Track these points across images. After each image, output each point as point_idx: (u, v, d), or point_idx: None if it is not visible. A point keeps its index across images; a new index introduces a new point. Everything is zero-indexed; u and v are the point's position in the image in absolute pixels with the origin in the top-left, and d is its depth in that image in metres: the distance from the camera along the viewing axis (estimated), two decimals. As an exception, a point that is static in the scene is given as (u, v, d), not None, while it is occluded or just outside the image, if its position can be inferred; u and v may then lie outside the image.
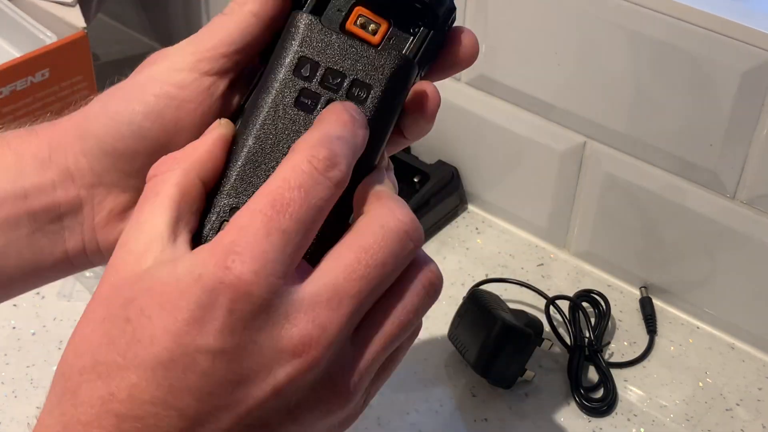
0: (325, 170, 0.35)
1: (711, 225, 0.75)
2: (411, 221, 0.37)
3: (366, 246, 0.36)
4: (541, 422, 0.72)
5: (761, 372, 0.76)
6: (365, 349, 0.36)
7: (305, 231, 0.35)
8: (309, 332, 0.34)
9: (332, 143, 0.36)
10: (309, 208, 0.35)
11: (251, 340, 0.34)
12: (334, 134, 0.37)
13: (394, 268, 0.36)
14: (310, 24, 0.40)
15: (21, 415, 0.72)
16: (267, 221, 0.34)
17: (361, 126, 0.38)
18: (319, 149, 0.36)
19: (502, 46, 0.79)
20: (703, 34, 0.66)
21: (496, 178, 0.88)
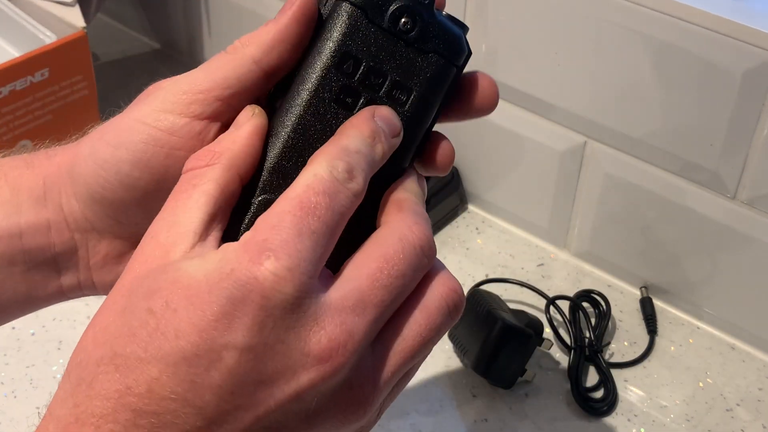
0: (344, 181, 0.36)
1: (711, 225, 0.75)
2: (426, 238, 0.37)
3: (388, 256, 0.36)
4: (541, 422, 0.72)
5: (761, 372, 0.76)
6: (386, 361, 0.36)
7: (330, 235, 0.35)
8: (337, 337, 0.34)
9: (350, 156, 0.36)
10: (334, 213, 0.35)
11: (279, 339, 0.33)
12: (353, 148, 0.37)
13: (411, 281, 0.37)
14: (356, 18, 0.39)
15: (21, 415, 0.72)
16: (297, 222, 0.34)
17: (385, 137, 0.38)
18: (338, 162, 0.36)
19: (502, 46, 0.79)
20: (704, 34, 0.66)
21: (496, 178, 0.88)
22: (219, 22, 1.04)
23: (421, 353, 0.37)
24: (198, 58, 1.09)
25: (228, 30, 1.04)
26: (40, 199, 0.42)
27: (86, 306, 0.80)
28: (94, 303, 0.87)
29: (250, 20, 0.99)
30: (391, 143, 0.39)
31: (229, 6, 1.01)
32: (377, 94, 0.39)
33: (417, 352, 0.37)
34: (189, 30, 1.09)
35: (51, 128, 0.86)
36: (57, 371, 0.75)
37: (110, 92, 0.93)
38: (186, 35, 1.10)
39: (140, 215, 0.41)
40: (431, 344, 0.37)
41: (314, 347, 0.34)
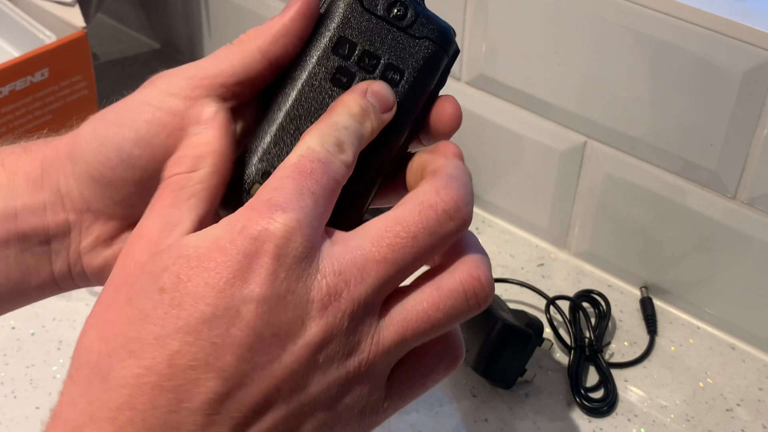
0: (335, 153, 0.37)
1: (711, 225, 0.75)
2: (454, 201, 0.37)
3: (399, 218, 0.36)
4: (541, 422, 0.72)
5: (762, 372, 0.76)
6: (387, 328, 0.36)
7: (328, 197, 0.36)
8: (336, 284, 0.35)
9: (339, 131, 0.38)
10: (329, 179, 0.36)
11: (290, 289, 0.34)
12: (342, 124, 0.38)
13: (427, 243, 0.36)
14: (352, 5, 0.42)
15: (21, 415, 0.72)
16: (297, 184, 0.36)
17: (375, 113, 0.39)
18: (327, 136, 0.37)
19: (502, 46, 0.79)
20: (704, 34, 0.66)
21: (496, 178, 0.88)
22: (219, 22, 1.04)
23: (427, 333, 0.37)
24: (198, 59, 1.09)
25: (228, 30, 1.04)
26: (37, 181, 0.43)
27: (86, 306, 0.80)
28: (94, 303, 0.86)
29: (250, 20, 0.99)
30: (381, 118, 0.40)
31: (229, 6, 1.01)
32: (371, 74, 0.41)
33: (421, 329, 0.36)
34: (189, 30, 1.09)
35: (51, 128, 0.86)
36: (57, 371, 0.75)
37: (110, 92, 0.93)
38: (186, 35, 1.10)
39: (137, 196, 0.42)
40: (439, 327, 0.37)
41: (316, 294, 0.34)
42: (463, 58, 0.82)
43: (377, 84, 0.40)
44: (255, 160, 0.40)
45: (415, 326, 0.36)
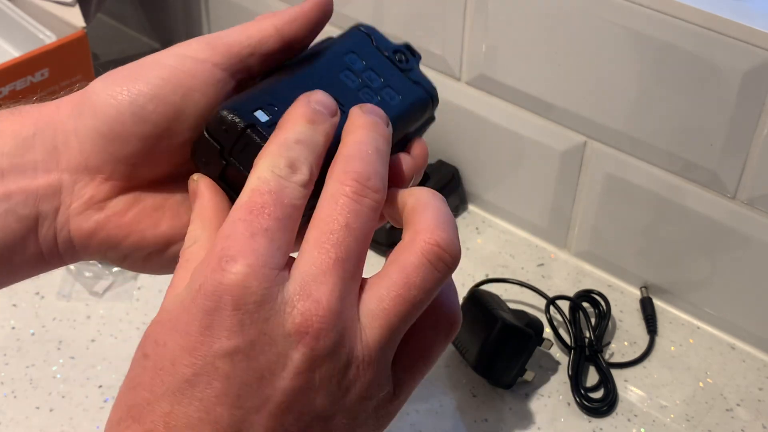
0: (287, 176, 0.37)
1: (711, 225, 0.75)
2: (370, 186, 0.37)
3: (324, 216, 0.37)
4: (541, 422, 0.72)
5: (762, 372, 0.76)
6: (371, 323, 0.36)
7: (285, 227, 0.36)
8: (307, 308, 0.35)
9: (290, 149, 0.38)
10: (284, 207, 0.36)
11: (261, 332, 0.34)
12: (292, 138, 0.38)
13: (363, 231, 0.37)
14: (365, 39, 0.46)
15: (20, 415, 0.72)
16: (249, 225, 0.35)
17: (323, 117, 0.39)
18: (278, 159, 0.37)
19: (502, 46, 0.79)
20: (704, 34, 0.66)
21: (496, 178, 0.88)
22: (219, 23, 1.04)
23: (411, 313, 0.37)
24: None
25: (228, 30, 1.03)
26: (27, 139, 0.42)
27: (86, 306, 0.80)
28: (94, 303, 0.87)
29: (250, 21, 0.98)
30: (331, 122, 0.40)
31: (229, 6, 1.01)
32: (371, 85, 0.43)
33: (403, 312, 0.36)
34: (189, 30, 1.09)
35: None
36: (57, 371, 0.75)
37: (110, 92, 0.93)
38: (186, 35, 1.10)
39: (141, 154, 0.41)
40: (420, 304, 0.37)
41: (291, 326, 0.35)
42: (463, 58, 0.82)
43: (316, 93, 0.40)
44: (246, 107, 0.40)
45: (396, 312, 0.36)
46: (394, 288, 0.36)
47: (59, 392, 0.73)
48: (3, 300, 0.80)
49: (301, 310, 0.35)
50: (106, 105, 0.41)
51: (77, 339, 0.77)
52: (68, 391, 0.73)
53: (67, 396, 0.73)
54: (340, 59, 0.44)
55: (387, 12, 0.85)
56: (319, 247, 0.36)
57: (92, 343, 0.77)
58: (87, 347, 0.77)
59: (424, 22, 0.83)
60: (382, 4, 0.85)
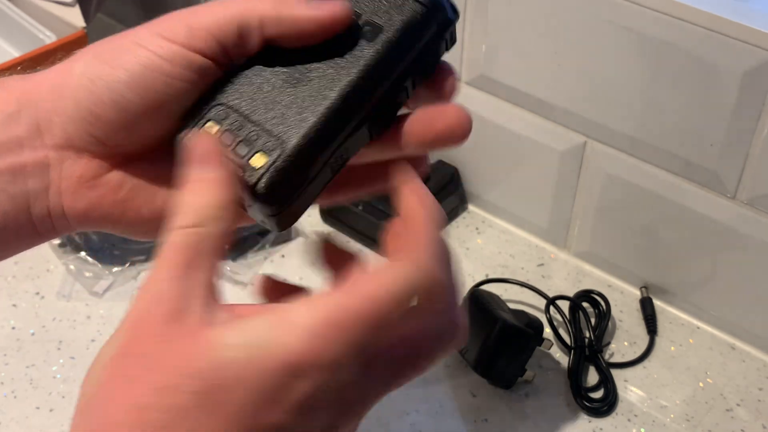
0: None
1: (711, 225, 0.75)
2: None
3: None
4: (541, 422, 0.72)
5: (762, 372, 0.76)
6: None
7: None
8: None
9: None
10: None
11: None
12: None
13: None
14: None
15: (21, 415, 0.72)
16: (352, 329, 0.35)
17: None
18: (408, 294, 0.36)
19: (502, 46, 0.79)
20: (704, 34, 0.66)
21: (496, 178, 0.88)
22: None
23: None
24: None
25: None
26: (12, 115, 0.41)
27: (86, 306, 0.80)
28: (94, 303, 0.87)
29: None
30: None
31: (229, 6, 1.01)
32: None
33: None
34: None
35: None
36: (57, 371, 0.75)
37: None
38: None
39: (125, 138, 0.41)
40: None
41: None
42: (463, 58, 0.82)
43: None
44: (224, 96, 0.40)
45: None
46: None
47: (59, 392, 0.73)
48: (3, 300, 0.81)
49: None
50: (85, 90, 0.40)
51: (77, 339, 0.77)
52: (68, 391, 0.73)
53: (67, 396, 0.73)
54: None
55: (387, 12, 0.85)
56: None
57: (92, 343, 0.77)
58: (87, 347, 0.77)
59: (424, 22, 0.83)
60: (382, 4, 0.85)
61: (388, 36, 0.40)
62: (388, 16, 0.40)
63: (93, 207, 0.42)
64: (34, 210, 0.42)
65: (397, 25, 0.40)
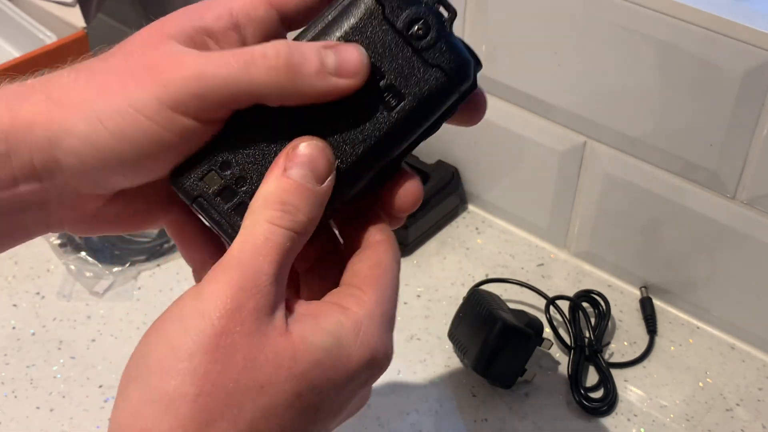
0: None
1: (711, 225, 0.75)
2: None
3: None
4: (541, 422, 0.72)
5: (761, 372, 0.76)
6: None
7: None
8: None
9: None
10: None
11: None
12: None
13: None
14: (373, 10, 0.38)
15: (21, 415, 0.72)
16: (394, 312, 0.42)
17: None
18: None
19: (502, 46, 0.79)
20: (704, 34, 0.66)
21: (496, 178, 0.88)
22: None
23: None
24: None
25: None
26: (1, 156, 0.38)
27: (86, 306, 0.80)
28: (94, 303, 0.87)
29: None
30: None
31: (229, 6, 1.01)
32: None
33: None
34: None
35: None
36: (57, 371, 0.75)
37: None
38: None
39: (126, 182, 0.40)
40: None
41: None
42: (463, 58, 0.82)
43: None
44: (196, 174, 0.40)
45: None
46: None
47: (59, 392, 0.73)
48: (3, 300, 0.81)
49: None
50: (90, 158, 0.38)
51: (77, 339, 0.77)
52: (68, 391, 0.73)
53: (67, 396, 0.73)
54: None
55: (387, 12, 0.85)
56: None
57: (92, 343, 0.77)
58: (87, 347, 0.77)
59: (424, 22, 0.83)
60: (382, 4, 0.85)
61: (410, 107, 0.39)
62: (412, 85, 0.39)
63: (95, 228, 0.43)
64: (30, 230, 0.41)
65: (420, 97, 0.39)
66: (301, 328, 0.37)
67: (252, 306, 0.36)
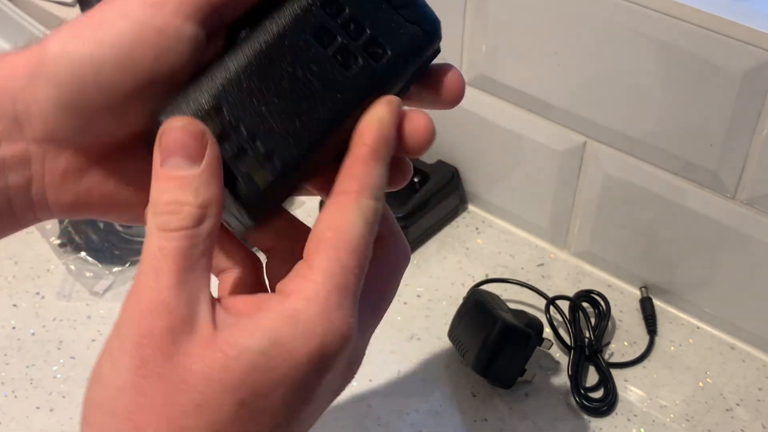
0: (373, 231, 0.38)
1: (711, 225, 0.75)
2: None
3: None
4: (541, 422, 0.72)
5: (761, 372, 0.76)
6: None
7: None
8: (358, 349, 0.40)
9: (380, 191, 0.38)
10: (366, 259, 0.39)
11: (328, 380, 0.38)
12: (381, 183, 0.38)
13: None
14: None
15: (21, 415, 0.72)
16: (358, 281, 0.37)
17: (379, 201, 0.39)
18: (373, 203, 0.37)
19: (502, 46, 0.79)
20: (704, 34, 0.66)
21: (496, 178, 0.88)
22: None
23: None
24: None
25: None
26: None
27: (86, 306, 0.80)
28: (95, 304, 0.87)
29: None
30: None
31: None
32: (354, 42, 0.39)
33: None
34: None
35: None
36: (57, 371, 0.75)
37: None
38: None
39: (112, 124, 0.37)
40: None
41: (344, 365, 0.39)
42: (463, 58, 0.82)
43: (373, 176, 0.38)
44: (213, 91, 0.37)
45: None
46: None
47: (59, 392, 0.73)
48: (3, 300, 0.81)
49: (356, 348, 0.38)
50: (67, 74, 0.36)
51: (77, 339, 0.77)
52: (68, 391, 0.73)
53: (67, 396, 0.73)
54: (312, 12, 0.39)
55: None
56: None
57: (93, 343, 0.77)
58: (87, 347, 0.77)
59: (424, 22, 0.83)
60: (382, 4, 0.85)
61: (394, 58, 0.40)
62: (394, 38, 0.40)
63: (79, 200, 0.39)
64: (15, 202, 0.39)
65: (401, 49, 0.40)
66: (230, 333, 0.34)
67: (162, 326, 0.33)
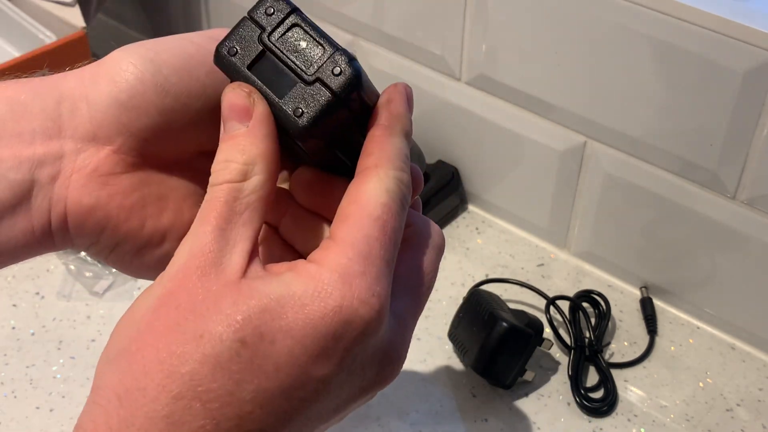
0: (407, 197, 0.37)
1: (711, 225, 0.75)
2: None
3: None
4: (541, 422, 0.72)
5: (762, 372, 0.76)
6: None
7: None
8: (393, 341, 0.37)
9: (406, 163, 0.38)
10: (400, 234, 0.37)
11: (356, 363, 0.36)
12: (405, 152, 0.38)
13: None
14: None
15: (21, 415, 0.72)
16: (384, 252, 0.35)
17: (407, 116, 0.39)
18: (402, 173, 0.37)
19: (502, 46, 0.79)
20: (704, 34, 0.66)
21: (496, 178, 0.88)
22: (219, 22, 1.04)
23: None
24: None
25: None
26: (24, 105, 0.39)
27: (86, 306, 0.80)
28: (94, 303, 0.87)
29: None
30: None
31: (229, 6, 1.01)
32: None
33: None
34: (189, 30, 1.09)
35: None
36: (57, 371, 0.75)
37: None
38: (186, 35, 1.09)
39: (155, 130, 0.40)
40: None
41: (377, 356, 0.37)
42: (463, 58, 0.82)
43: (398, 94, 0.39)
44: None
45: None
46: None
47: (59, 392, 0.73)
48: (3, 300, 0.81)
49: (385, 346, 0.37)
50: (127, 72, 0.39)
51: (77, 339, 0.77)
52: (68, 391, 0.73)
53: (67, 396, 0.73)
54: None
55: (387, 12, 0.85)
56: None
57: (92, 343, 0.77)
58: (87, 347, 0.77)
59: (424, 22, 0.83)
60: (382, 4, 0.85)
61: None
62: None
63: (98, 205, 0.40)
64: (35, 202, 0.39)
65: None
66: (252, 281, 0.35)
67: (195, 264, 0.35)
